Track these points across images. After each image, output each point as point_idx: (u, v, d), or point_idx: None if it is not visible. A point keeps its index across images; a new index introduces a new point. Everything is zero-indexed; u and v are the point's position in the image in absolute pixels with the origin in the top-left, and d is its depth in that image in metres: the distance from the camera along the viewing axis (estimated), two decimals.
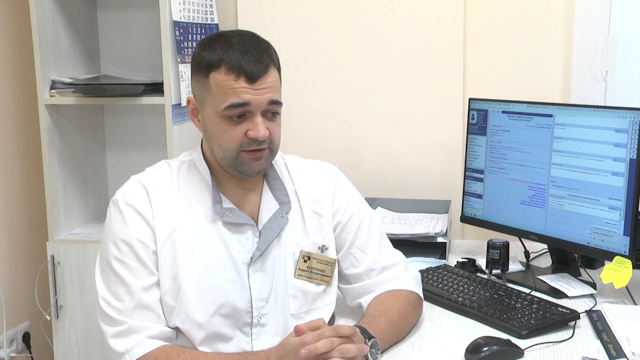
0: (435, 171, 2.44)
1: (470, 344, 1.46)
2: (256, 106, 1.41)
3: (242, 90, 1.40)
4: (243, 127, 1.42)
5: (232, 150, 1.44)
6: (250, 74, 1.40)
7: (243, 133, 1.43)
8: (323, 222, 1.59)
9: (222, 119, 1.42)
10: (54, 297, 2.33)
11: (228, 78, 1.40)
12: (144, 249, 1.43)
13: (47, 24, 2.28)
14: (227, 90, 1.40)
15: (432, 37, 2.38)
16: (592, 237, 1.80)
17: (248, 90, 1.40)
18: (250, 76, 1.40)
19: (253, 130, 1.42)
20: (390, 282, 1.60)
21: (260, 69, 1.41)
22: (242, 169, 1.46)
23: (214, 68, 1.41)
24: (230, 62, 1.40)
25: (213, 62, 1.41)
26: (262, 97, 1.41)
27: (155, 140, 2.51)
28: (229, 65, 1.40)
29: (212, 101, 1.43)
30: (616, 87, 2.27)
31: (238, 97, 1.40)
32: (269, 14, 2.47)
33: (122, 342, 1.39)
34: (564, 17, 2.30)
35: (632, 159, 1.71)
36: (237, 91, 1.40)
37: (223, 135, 1.43)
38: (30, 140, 2.55)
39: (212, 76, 1.42)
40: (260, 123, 1.42)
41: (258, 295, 1.49)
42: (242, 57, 1.40)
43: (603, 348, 1.47)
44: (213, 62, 1.41)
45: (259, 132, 1.42)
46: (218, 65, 1.41)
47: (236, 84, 1.39)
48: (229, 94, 1.40)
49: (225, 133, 1.43)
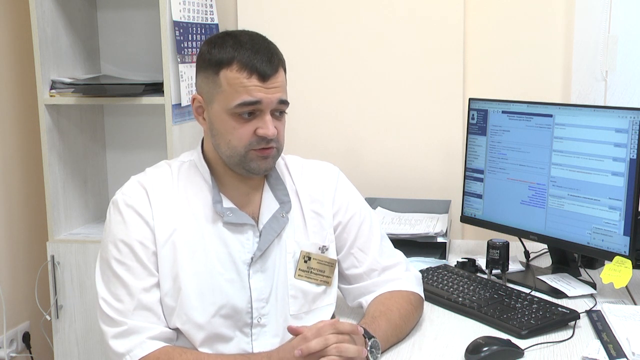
0: (435, 171, 2.44)
1: (470, 344, 1.46)
2: (267, 105, 1.42)
3: (254, 89, 1.41)
4: (252, 125, 1.43)
5: (241, 148, 1.44)
6: (263, 72, 1.41)
7: (252, 131, 1.43)
8: (323, 223, 1.59)
9: (231, 117, 1.43)
10: (54, 297, 2.33)
11: (240, 76, 1.41)
12: (143, 249, 1.43)
13: (47, 24, 2.28)
14: (239, 88, 1.41)
15: (432, 37, 2.38)
16: (592, 237, 1.80)
17: (260, 89, 1.41)
18: (263, 75, 1.41)
19: (263, 128, 1.42)
20: (391, 282, 1.60)
21: (271, 68, 1.42)
22: (250, 167, 1.46)
23: (225, 65, 1.42)
24: (242, 60, 1.41)
25: (224, 60, 1.42)
26: (273, 95, 1.42)
27: (155, 140, 2.51)
28: (241, 63, 1.41)
29: (221, 98, 1.43)
30: (616, 87, 2.27)
31: (250, 95, 1.40)
32: (269, 14, 2.47)
33: (123, 343, 1.39)
34: (564, 17, 2.30)
35: (632, 159, 1.71)
36: (250, 89, 1.40)
37: (232, 133, 1.44)
38: (30, 140, 2.55)
39: (223, 73, 1.42)
40: (270, 121, 1.43)
41: (258, 296, 1.49)
42: (254, 56, 1.41)
43: (603, 348, 1.47)
44: (224, 60, 1.42)
45: (269, 130, 1.42)
46: (229, 63, 1.41)
47: (248, 81, 1.40)
48: (240, 92, 1.41)
49: (234, 130, 1.43)
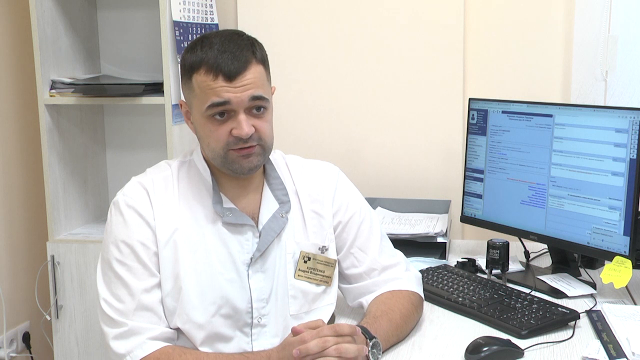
0: (435, 171, 2.44)
1: (470, 344, 1.46)
2: (237, 104, 1.41)
3: (221, 89, 1.40)
4: (227, 126, 1.43)
5: (220, 149, 1.44)
6: (228, 72, 1.40)
7: (228, 132, 1.43)
8: (323, 223, 1.59)
9: (207, 120, 1.43)
10: (54, 297, 2.33)
11: (207, 78, 1.40)
12: (145, 250, 1.43)
13: (47, 24, 2.28)
14: (207, 91, 1.41)
15: (432, 37, 2.37)
16: (592, 237, 1.80)
17: (227, 89, 1.40)
18: (228, 74, 1.40)
19: (237, 128, 1.42)
20: (391, 282, 1.60)
21: (237, 66, 1.40)
22: (233, 167, 1.46)
23: (195, 70, 1.42)
24: (208, 62, 1.40)
25: (194, 64, 1.42)
26: (242, 94, 1.41)
27: (155, 140, 2.51)
28: (207, 65, 1.40)
29: (196, 103, 1.44)
30: (616, 87, 2.27)
31: (218, 96, 1.40)
32: (269, 14, 2.46)
33: (124, 344, 1.39)
34: (564, 17, 2.30)
35: (632, 159, 1.72)
36: (217, 90, 1.40)
37: (210, 136, 1.44)
38: (30, 140, 2.55)
39: (194, 78, 1.43)
40: (244, 121, 1.42)
41: (258, 296, 1.49)
42: (219, 56, 1.40)
43: (603, 348, 1.47)
44: (194, 64, 1.42)
45: (242, 130, 1.41)
46: (198, 67, 1.42)
47: (215, 83, 1.40)
48: (209, 94, 1.40)
49: (211, 133, 1.44)
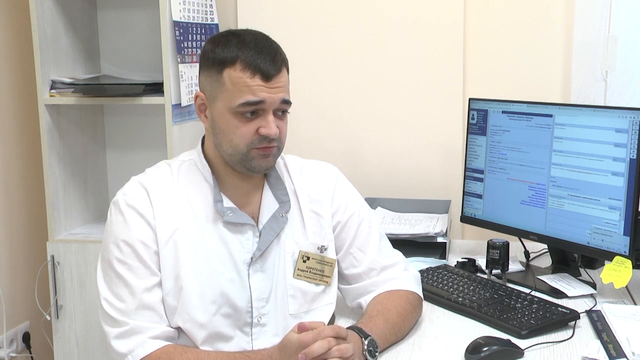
0: (435, 171, 2.44)
1: (470, 344, 1.46)
2: (270, 104, 1.43)
3: (257, 88, 1.41)
4: (255, 124, 1.44)
5: (243, 146, 1.44)
6: (266, 72, 1.41)
7: (254, 130, 1.44)
8: (322, 222, 1.59)
9: (234, 115, 1.43)
10: (54, 297, 2.33)
11: (244, 75, 1.41)
12: (145, 249, 1.43)
13: (47, 24, 2.28)
14: (243, 87, 1.41)
15: (432, 37, 2.38)
16: (592, 237, 1.80)
17: (263, 89, 1.42)
18: (266, 74, 1.42)
19: (265, 127, 1.43)
20: (390, 282, 1.60)
21: (275, 68, 1.43)
22: (251, 165, 1.47)
23: (229, 64, 1.42)
24: (246, 59, 1.41)
25: (228, 59, 1.43)
26: (276, 95, 1.43)
27: (155, 140, 2.51)
28: (245, 62, 1.41)
29: (225, 97, 1.44)
30: (616, 87, 2.27)
31: (254, 95, 1.41)
32: (269, 14, 2.47)
33: (125, 343, 1.39)
34: (564, 17, 2.30)
35: (632, 159, 1.72)
36: (253, 89, 1.41)
37: (234, 132, 1.44)
38: (30, 140, 2.55)
39: (227, 72, 1.43)
40: (272, 121, 1.44)
41: (258, 295, 1.49)
42: (257, 56, 1.42)
43: (603, 348, 1.47)
44: (228, 59, 1.43)
45: (271, 130, 1.43)
46: (233, 62, 1.42)
47: (252, 81, 1.41)
48: (244, 91, 1.41)
49: (236, 129, 1.44)
